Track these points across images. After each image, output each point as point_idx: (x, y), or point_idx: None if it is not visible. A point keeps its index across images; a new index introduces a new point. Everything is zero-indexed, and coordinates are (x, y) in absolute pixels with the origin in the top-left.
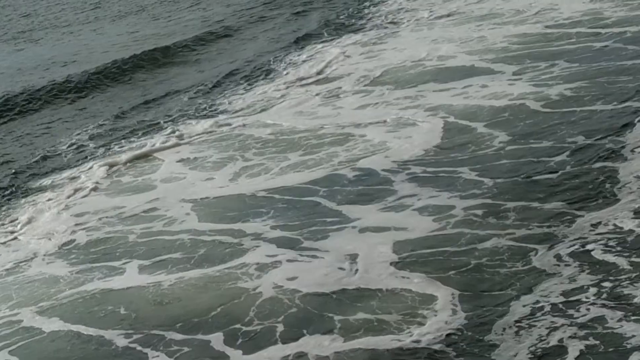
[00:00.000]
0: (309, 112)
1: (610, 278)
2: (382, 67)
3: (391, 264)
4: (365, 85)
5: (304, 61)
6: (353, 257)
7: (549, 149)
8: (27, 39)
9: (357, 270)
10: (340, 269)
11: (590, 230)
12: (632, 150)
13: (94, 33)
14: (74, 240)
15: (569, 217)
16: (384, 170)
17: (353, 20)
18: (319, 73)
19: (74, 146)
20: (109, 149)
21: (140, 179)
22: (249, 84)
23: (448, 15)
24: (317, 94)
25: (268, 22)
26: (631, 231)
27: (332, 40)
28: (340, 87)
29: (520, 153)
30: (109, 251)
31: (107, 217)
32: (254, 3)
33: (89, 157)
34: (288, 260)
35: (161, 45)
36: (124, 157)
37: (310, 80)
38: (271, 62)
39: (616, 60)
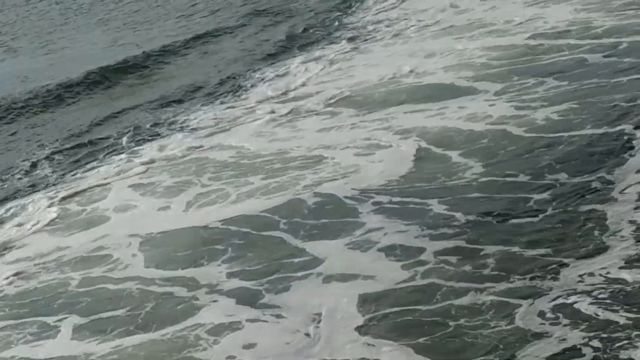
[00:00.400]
0: (273, 132)
1: (605, 337)
2: (354, 84)
3: (357, 328)
4: (334, 104)
5: (272, 77)
6: (317, 317)
7: (529, 185)
8: None
9: (320, 337)
10: (304, 334)
11: (579, 282)
12: (622, 192)
13: (60, 44)
14: (1, 292)
15: (553, 267)
16: (350, 198)
17: (328, 33)
18: (287, 90)
19: (20, 173)
20: (61, 175)
21: (90, 209)
22: (212, 101)
23: (428, 26)
24: (283, 113)
25: (239, 34)
26: (624, 282)
27: (303, 54)
28: (307, 106)
29: (496, 187)
30: (42, 304)
31: (46, 261)
32: (226, 14)
33: (35, 187)
34: (248, 320)
35: (120, 59)
36: (72, 186)
37: (277, 99)
38: (238, 78)
39: (610, 75)
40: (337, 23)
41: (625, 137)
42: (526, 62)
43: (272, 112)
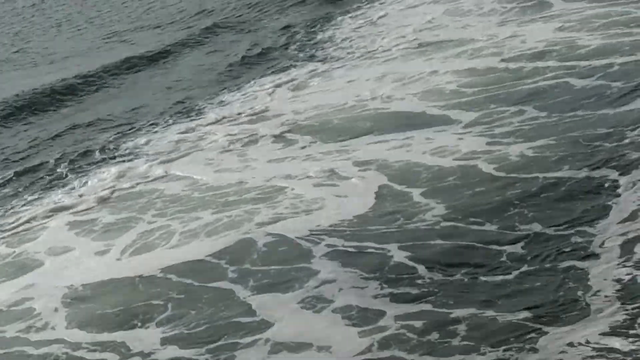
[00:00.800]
0: (227, 160)
1: None
2: (316, 109)
3: None
4: (294, 130)
5: (229, 100)
6: None
7: (500, 235)
8: None
9: None
10: None
11: (561, 352)
12: (603, 246)
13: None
14: None
15: (531, 336)
16: (304, 239)
17: (294, 51)
18: (244, 114)
19: None
20: None
21: (19, 251)
22: (162, 125)
23: (399, 45)
24: (238, 139)
25: (195, 52)
26: (615, 351)
27: (265, 75)
28: (266, 132)
29: (461, 234)
30: None
31: None
32: (181, 30)
33: None
34: None
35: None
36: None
37: (232, 123)
38: (191, 100)
39: (596, 105)
40: (304, 40)
41: (608, 184)
42: (503, 88)
43: (227, 138)
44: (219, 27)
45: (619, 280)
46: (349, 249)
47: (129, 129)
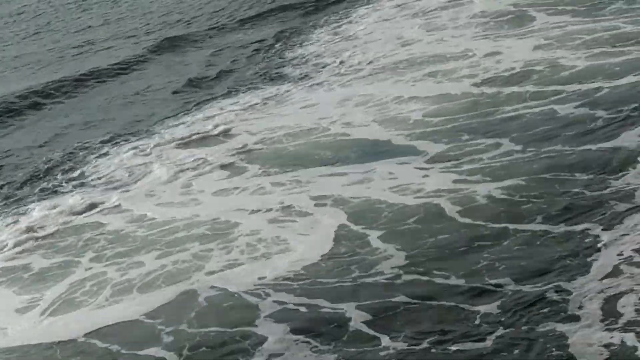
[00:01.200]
0: (175, 192)
1: None
2: (273, 133)
3: None
4: (246, 158)
5: (185, 121)
6: None
7: (469, 291)
8: None
9: None
10: None
11: None
12: (582, 307)
13: None
14: None
15: None
16: (250, 293)
17: (259, 70)
18: (196, 138)
19: None
20: None
21: None
22: (105, 151)
23: (370, 63)
24: (187, 168)
25: (147, 69)
26: None
27: (219, 97)
28: (216, 160)
29: (424, 291)
30: None
31: None
32: (131, 46)
33: None
34: None
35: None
36: None
37: (184, 148)
38: (144, 120)
39: (580, 138)
40: (271, 57)
41: (589, 238)
42: (476, 117)
43: (177, 165)
44: (184, 40)
45: (608, 345)
46: (301, 308)
47: (72, 154)
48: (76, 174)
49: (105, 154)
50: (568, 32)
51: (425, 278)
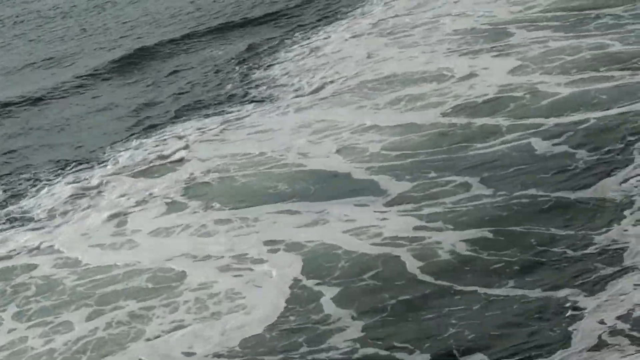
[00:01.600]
0: (113, 232)
1: None
2: (223, 161)
3: None
4: (191, 194)
5: (133, 149)
6: None
7: None
8: None
9: None
10: None
11: None
12: None
13: None
14: None
15: None
16: None
17: (219, 91)
18: (142, 170)
19: None
20: None
21: None
22: (50, 177)
23: (333, 84)
24: (129, 205)
25: (111, 86)
26: None
27: (182, 119)
28: (161, 194)
29: None
30: None
31: None
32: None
33: None
34: None
35: None
36: None
37: (127, 181)
38: (90, 146)
39: (558, 184)
40: (233, 77)
41: (569, 305)
42: (445, 151)
43: (117, 201)
44: (146, 57)
45: None
46: None
47: (7, 185)
48: (9, 208)
49: (45, 186)
50: (549, 51)
51: (384, 353)
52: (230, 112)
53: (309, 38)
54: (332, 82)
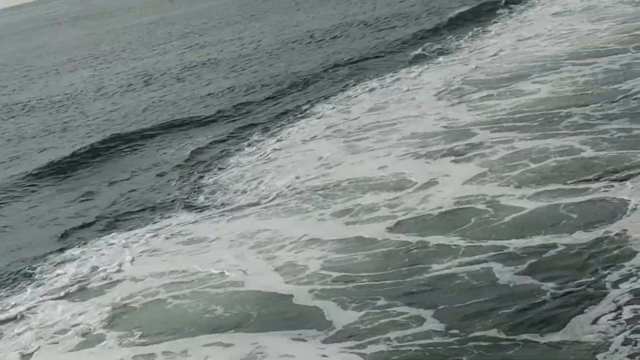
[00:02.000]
0: None
1: None
2: (153, 282)
3: None
4: (112, 324)
5: (61, 266)
6: None
7: None
8: None
9: None
10: None
11: None
12: None
13: None
14: None
15: None
16: None
17: (162, 199)
18: (69, 294)
19: None
20: None
21: None
22: None
23: (279, 192)
24: (47, 338)
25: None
26: None
27: (119, 230)
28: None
29: None
30: None
31: None
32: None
33: None
34: None
35: None
36: None
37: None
38: (14, 263)
39: (521, 326)
40: (179, 183)
41: None
42: (397, 275)
43: (38, 331)
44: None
45: None
46: None
47: None
48: None
49: None
50: (514, 156)
51: None
52: (167, 223)
53: (259, 141)
54: (279, 188)
